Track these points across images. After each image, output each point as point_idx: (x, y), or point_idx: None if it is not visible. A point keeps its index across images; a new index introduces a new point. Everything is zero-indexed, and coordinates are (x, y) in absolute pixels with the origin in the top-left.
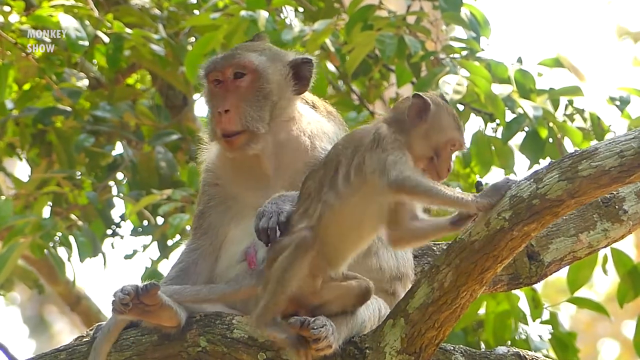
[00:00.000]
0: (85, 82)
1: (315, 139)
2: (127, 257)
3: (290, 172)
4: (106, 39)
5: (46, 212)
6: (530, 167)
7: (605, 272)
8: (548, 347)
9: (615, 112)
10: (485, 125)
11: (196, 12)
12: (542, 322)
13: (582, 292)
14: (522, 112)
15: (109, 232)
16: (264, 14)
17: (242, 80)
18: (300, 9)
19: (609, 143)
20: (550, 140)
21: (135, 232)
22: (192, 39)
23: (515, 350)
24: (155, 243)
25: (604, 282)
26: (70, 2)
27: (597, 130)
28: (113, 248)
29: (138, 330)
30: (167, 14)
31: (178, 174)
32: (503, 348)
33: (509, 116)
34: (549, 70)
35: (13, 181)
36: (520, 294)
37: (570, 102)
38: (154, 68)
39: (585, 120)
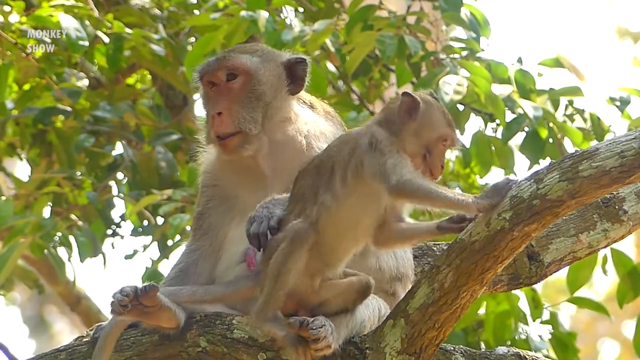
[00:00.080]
0: (85, 82)
1: (311, 138)
2: (127, 257)
3: (287, 172)
4: (106, 39)
5: (46, 212)
6: (530, 167)
7: (605, 272)
8: (548, 347)
9: (615, 113)
10: (485, 126)
11: (196, 12)
12: (542, 322)
13: (582, 292)
14: (522, 112)
15: (109, 232)
16: (264, 14)
17: (234, 82)
18: (300, 9)
19: (610, 143)
20: (550, 140)
21: (136, 232)
22: (192, 39)
23: (515, 350)
24: (155, 243)
25: (604, 282)
26: (70, 2)
27: (597, 131)
28: (113, 248)
29: (138, 330)
30: (167, 14)
31: (178, 174)
32: (503, 348)
33: (509, 116)
34: (549, 70)
35: (13, 181)
36: (520, 294)
37: (571, 103)
38: (154, 68)
39: (585, 120)
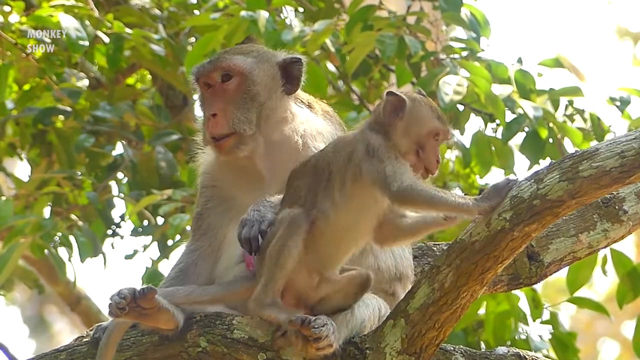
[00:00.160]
0: (86, 82)
1: (308, 138)
2: (128, 257)
3: (285, 171)
4: (106, 39)
5: (46, 212)
6: (530, 167)
7: (604, 273)
8: (548, 347)
9: (615, 113)
10: (485, 126)
11: (196, 12)
12: (542, 322)
13: (582, 292)
14: (522, 112)
15: (109, 232)
16: (264, 14)
17: (229, 84)
18: (301, 9)
19: (610, 143)
20: (551, 140)
21: (136, 232)
22: (192, 39)
23: (515, 350)
24: (155, 243)
25: (604, 282)
26: (70, 2)
27: (597, 131)
28: (113, 248)
29: (138, 330)
30: (167, 14)
31: (178, 174)
32: (503, 348)
33: (509, 116)
34: (549, 70)
35: (13, 181)
36: (520, 294)
37: (571, 103)
38: (154, 68)
39: (585, 120)
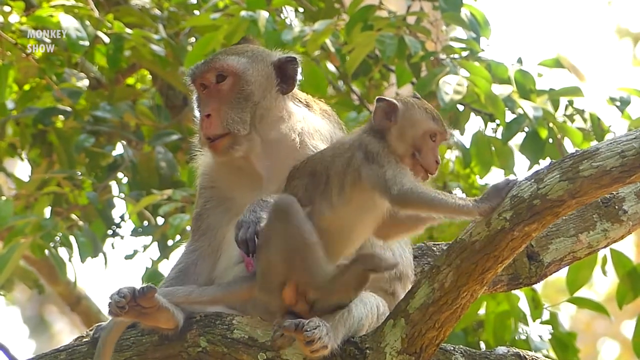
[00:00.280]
0: (86, 82)
1: (305, 136)
2: (128, 257)
3: (282, 170)
4: (106, 39)
5: (47, 213)
6: (530, 167)
7: (604, 273)
8: (548, 347)
9: (615, 113)
10: (485, 126)
11: (196, 12)
12: (542, 322)
13: (582, 292)
14: (522, 112)
15: (110, 232)
16: (264, 14)
17: (224, 84)
18: (301, 9)
19: (610, 143)
20: (550, 140)
21: (136, 232)
22: (192, 39)
23: (515, 350)
24: (155, 243)
25: (604, 282)
26: (71, 2)
27: (597, 131)
28: (113, 248)
29: (138, 330)
30: (167, 14)
31: (178, 174)
32: (503, 348)
33: (509, 116)
34: (549, 70)
35: (14, 181)
36: (520, 294)
37: (570, 103)
38: (154, 68)
39: (585, 120)
